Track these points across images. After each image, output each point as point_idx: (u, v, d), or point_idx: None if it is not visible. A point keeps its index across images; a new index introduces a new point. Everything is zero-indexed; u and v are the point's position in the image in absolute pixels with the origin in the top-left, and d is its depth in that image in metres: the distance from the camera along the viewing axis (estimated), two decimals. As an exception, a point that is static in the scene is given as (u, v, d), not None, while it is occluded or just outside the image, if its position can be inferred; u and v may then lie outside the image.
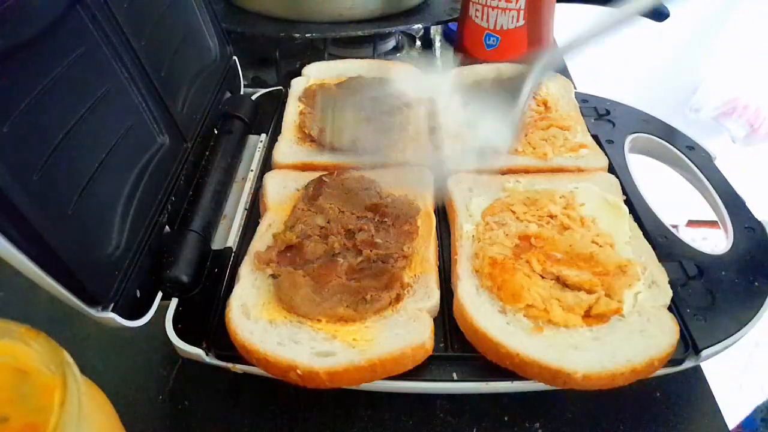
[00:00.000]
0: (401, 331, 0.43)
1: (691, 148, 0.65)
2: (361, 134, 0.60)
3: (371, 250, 0.49)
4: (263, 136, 0.69)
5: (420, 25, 0.89)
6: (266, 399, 0.48)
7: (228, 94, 0.72)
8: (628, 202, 0.56)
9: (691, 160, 0.63)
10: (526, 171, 0.60)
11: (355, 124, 0.60)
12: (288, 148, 0.64)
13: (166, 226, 0.52)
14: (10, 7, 0.37)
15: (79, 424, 0.27)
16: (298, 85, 0.73)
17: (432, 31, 1.01)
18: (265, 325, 0.44)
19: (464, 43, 0.84)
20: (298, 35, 0.83)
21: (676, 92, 1.74)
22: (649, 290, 0.46)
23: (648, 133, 0.67)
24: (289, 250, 0.50)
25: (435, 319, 0.46)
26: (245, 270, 0.49)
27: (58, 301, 0.38)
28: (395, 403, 0.48)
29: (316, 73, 0.76)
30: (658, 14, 0.83)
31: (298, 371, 0.40)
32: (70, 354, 0.29)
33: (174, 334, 0.45)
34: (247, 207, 0.59)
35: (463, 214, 0.54)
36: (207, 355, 0.45)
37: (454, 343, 0.45)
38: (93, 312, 0.41)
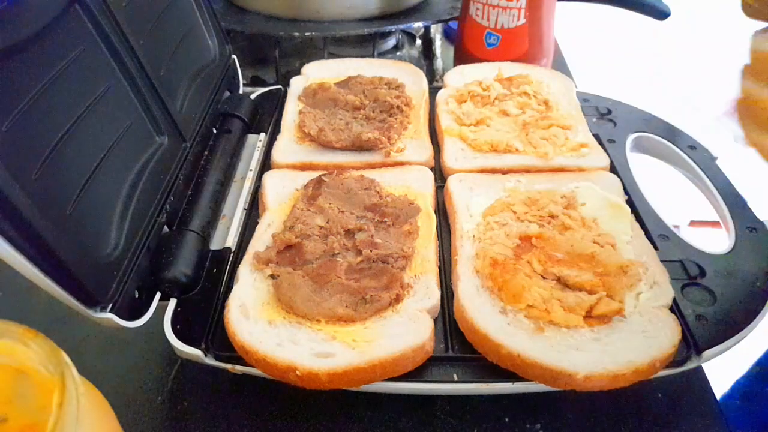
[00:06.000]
0: (401, 332, 0.43)
1: (692, 147, 0.65)
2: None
3: (371, 250, 0.49)
4: (262, 135, 0.69)
5: (420, 24, 0.88)
6: (266, 399, 0.48)
7: (227, 94, 0.72)
8: (629, 201, 0.56)
9: (692, 160, 0.63)
10: (527, 170, 0.59)
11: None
12: (287, 147, 0.63)
13: (165, 226, 0.52)
14: (8, 7, 0.37)
15: (77, 424, 0.27)
16: (297, 85, 0.73)
17: (432, 30, 1.00)
18: (265, 325, 0.44)
19: (465, 41, 0.84)
20: (298, 34, 0.83)
21: (677, 91, 1.74)
22: (650, 290, 0.46)
23: (649, 133, 0.67)
24: (288, 250, 0.49)
25: (435, 320, 0.46)
26: (244, 270, 0.48)
27: (57, 301, 0.38)
28: (395, 404, 0.48)
29: (316, 72, 0.76)
30: (659, 13, 0.83)
31: (297, 372, 0.40)
32: (69, 355, 0.29)
33: (172, 334, 0.45)
34: (247, 207, 0.59)
35: (463, 214, 0.54)
36: (206, 355, 0.44)
37: (455, 343, 0.45)
38: (91, 312, 0.40)
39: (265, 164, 0.64)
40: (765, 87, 0.39)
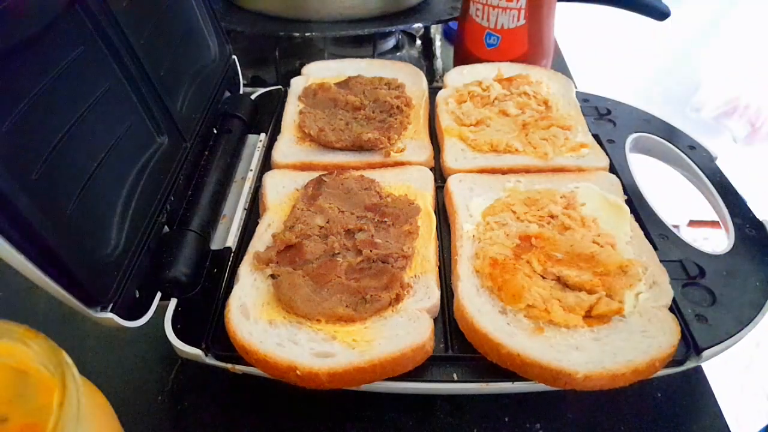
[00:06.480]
0: (401, 332, 0.43)
1: (692, 147, 0.65)
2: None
3: (371, 250, 0.49)
4: (263, 135, 0.69)
5: (420, 24, 0.88)
6: (266, 399, 0.48)
7: (227, 94, 0.72)
8: (629, 201, 0.56)
9: (692, 160, 0.63)
10: (527, 171, 0.60)
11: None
12: (287, 147, 0.63)
13: (165, 226, 0.52)
14: (9, 7, 0.37)
15: (77, 424, 0.27)
16: (297, 85, 0.73)
17: (432, 30, 1.00)
18: (265, 325, 0.44)
19: (465, 42, 0.84)
20: (298, 34, 0.83)
21: (677, 92, 1.74)
22: (650, 290, 0.46)
23: (649, 133, 0.67)
24: (288, 250, 0.49)
25: (435, 320, 0.46)
26: (244, 270, 0.48)
27: (58, 301, 0.38)
28: (396, 403, 0.48)
29: (316, 72, 0.76)
30: (659, 13, 0.83)
31: (297, 372, 0.40)
32: (69, 354, 0.29)
33: (173, 334, 0.45)
34: (247, 207, 0.59)
35: (463, 214, 0.54)
36: (206, 355, 0.45)
37: (455, 343, 0.45)
38: (92, 312, 0.41)
39: (266, 164, 0.64)
40: None
